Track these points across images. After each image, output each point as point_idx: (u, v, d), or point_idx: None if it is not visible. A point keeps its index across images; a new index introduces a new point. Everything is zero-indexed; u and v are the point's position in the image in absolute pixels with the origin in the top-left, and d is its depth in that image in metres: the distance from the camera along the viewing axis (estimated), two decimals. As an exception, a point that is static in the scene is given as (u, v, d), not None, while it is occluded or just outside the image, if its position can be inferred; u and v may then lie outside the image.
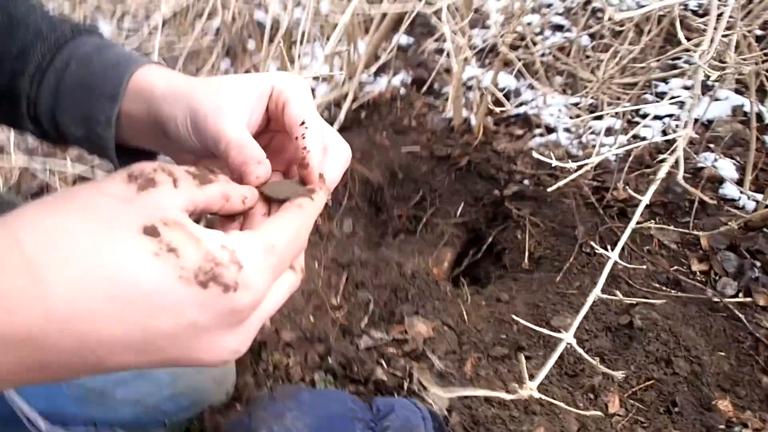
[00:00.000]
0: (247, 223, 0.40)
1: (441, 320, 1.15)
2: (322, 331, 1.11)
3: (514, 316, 1.05)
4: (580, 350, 0.79)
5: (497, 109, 1.34)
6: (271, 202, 0.40)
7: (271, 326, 1.12)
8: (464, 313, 1.20)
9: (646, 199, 0.76)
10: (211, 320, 0.30)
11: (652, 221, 1.44)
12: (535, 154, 0.83)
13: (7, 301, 0.25)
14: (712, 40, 0.70)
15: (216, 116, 0.41)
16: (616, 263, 0.77)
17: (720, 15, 0.69)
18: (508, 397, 0.63)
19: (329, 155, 0.43)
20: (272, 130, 0.47)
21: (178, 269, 0.28)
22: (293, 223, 0.36)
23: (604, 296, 0.83)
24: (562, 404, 0.76)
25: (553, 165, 1.53)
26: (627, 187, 1.54)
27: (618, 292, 1.29)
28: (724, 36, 0.77)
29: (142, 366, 0.30)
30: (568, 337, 0.78)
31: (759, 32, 1.84)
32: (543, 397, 0.70)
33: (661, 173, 0.75)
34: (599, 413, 1.03)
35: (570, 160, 1.55)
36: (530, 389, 0.72)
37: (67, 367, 0.28)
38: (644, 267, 1.23)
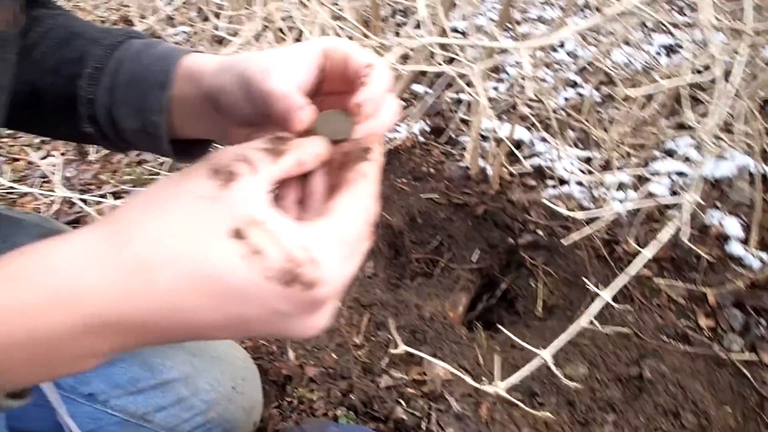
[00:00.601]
0: (308, 181, 0.41)
1: (458, 363, 1.20)
2: (345, 368, 1.16)
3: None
4: (555, 369, 0.83)
5: (513, 170, 1.41)
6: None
7: (296, 361, 1.17)
8: (480, 357, 1.24)
9: (647, 253, 0.82)
10: (295, 310, 0.33)
11: (660, 279, 1.49)
12: (553, 206, 0.89)
13: (123, 296, 0.31)
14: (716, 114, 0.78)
15: (264, 76, 0.42)
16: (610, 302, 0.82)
17: (725, 87, 0.76)
18: None
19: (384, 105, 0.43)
20: (322, 94, 0.47)
21: (264, 270, 0.32)
22: (362, 200, 0.37)
23: (588, 326, 0.88)
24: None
25: (566, 216, 1.60)
26: (636, 241, 1.60)
27: (620, 346, 1.33)
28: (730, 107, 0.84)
29: (238, 337, 0.38)
30: (544, 354, 0.83)
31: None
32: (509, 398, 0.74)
33: (665, 234, 0.81)
34: (610, 461, 1.06)
35: (582, 214, 1.62)
36: (500, 388, 0.78)
37: (178, 339, 0.35)
38: (624, 331, 1.28)
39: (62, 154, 1.75)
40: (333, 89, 0.47)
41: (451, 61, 1.98)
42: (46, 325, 0.31)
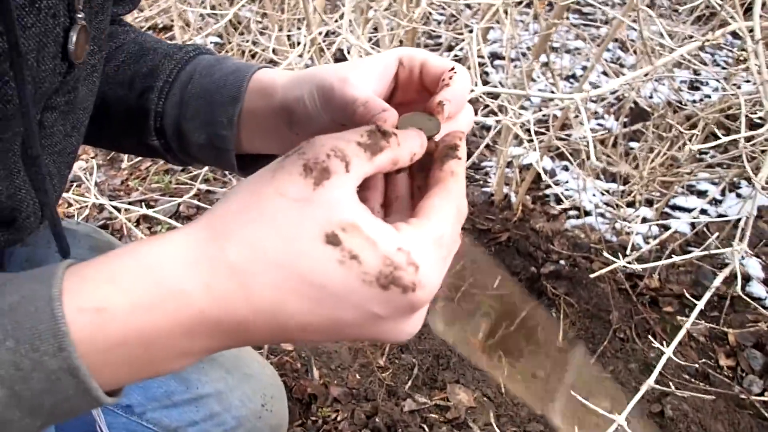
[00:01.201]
0: (391, 183, 0.41)
1: (481, 391, 1.20)
2: (369, 390, 1.16)
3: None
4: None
5: (536, 197, 1.42)
6: None
7: (320, 380, 1.17)
8: (502, 385, 1.25)
9: (700, 304, 0.82)
10: (391, 313, 0.33)
11: (682, 316, 1.49)
12: (574, 236, 0.90)
13: (221, 300, 0.32)
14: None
15: (343, 85, 0.42)
16: (671, 356, 0.82)
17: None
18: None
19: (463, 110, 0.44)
20: (396, 103, 0.47)
21: (362, 274, 0.31)
22: (454, 200, 0.36)
23: (657, 387, 0.88)
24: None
25: (588, 247, 1.60)
26: (659, 276, 1.61)
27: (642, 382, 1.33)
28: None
29: (329, 340, 0.36)
30: (620, 419, 0.82)
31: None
32: None
33: (715, 283, 0.82)
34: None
35: (606, 247, 1.62)
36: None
37: (265, 341, 0.35)
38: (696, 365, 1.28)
39: (92, 157, 1.77)
40: (405, 99, 0.47)
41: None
42: (151, 325, 0.32)
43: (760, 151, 1.19)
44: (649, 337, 1.40)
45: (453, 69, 0.43)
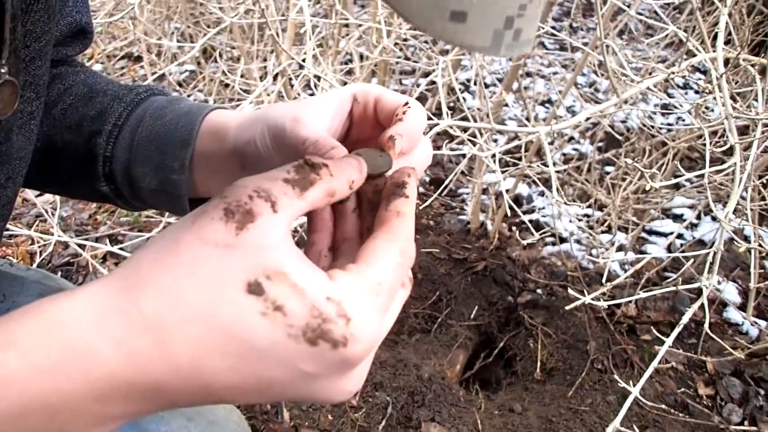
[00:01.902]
0: (340, 224, 0.39)
1: (456, 429, 1.17)
2: (341, 432, 1.13)
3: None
4: None
5: (513, 225, 1.41)
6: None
7: (290, 422, 1.13)
8: (479, 421, 1.22)
9: (668, 341, 0.81)
10: (323, 371, 0.30)
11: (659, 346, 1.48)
12: (555, 275, 0.88)
13: (134, 358, 0.28)
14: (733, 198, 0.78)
15: (294, 125, 0.41)
16: (638, 396, 0.80)
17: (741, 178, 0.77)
18: None
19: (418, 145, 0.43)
20: (352, 141, 0.46)
21: (287, 327, 0.28)
22: (398, 243, 0.33)
23: (623, 429, 0.86)
24: None
25: (566, 275, 1.59)
26: (635, 304, 1.60)
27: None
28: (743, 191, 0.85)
29: (261, 401, 0.33)
30: None
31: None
32: None
33: (685, 318, 0.80)
34: None
35: (582, 275, 1.61)
36: None
37: (192, 404, 0.31)
38: (662, 406, 1.26)
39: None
40: (362, 136, 0.46)
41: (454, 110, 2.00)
42: (56, 390, 0.28)
43: (731, 180, 1.19)
44: (627, 367, 1.38)
45: (407, 104, 0.42)
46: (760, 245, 1.10)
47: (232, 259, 0.30)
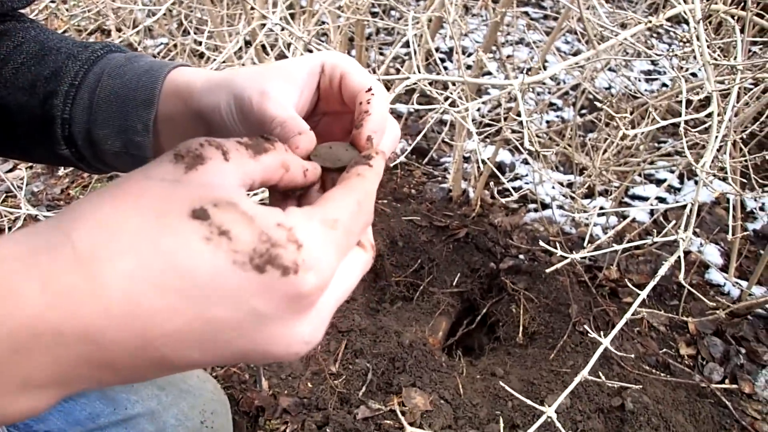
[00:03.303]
0: (305, 201, 0.37)
1: (438, 393, 1.16)
2: (320, 399, 1.11)
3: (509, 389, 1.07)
4: (559, 425, 0.80)
5: (495, 192, 1.39)
6: (326, 173, 0.37)
7: (269, 390, 1.12)
8: (460, 386, 1.21)
9: (643, 294, 0.80)
10: (274, 307, 0.27)
11: (642, 307, 1.48)
12: (539, 242, 0.87)
13: (62, 298, 0.24)
14: (711, 151, 0.76)
15: (261, 100, 0.39)
16: (608, 347, 0.79)
17: (718, 130, 0.75)
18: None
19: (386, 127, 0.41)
20: (320, 113, 0.45)
21: (231, 253, 0.26)
22: (355, 194, 0.32)
23: (591, 378, 0.85)
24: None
25: (548, 240, 1.58)
26: (617, 267, 1.59)
27: (602, 376, 1.31)
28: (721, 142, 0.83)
29: (211, 362, 0.28)
30: (549, 411, 0.79)
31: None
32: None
33: (661, 272, 0.79)
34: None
35: (564, 240, 1.60)
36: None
37: (132, 366, 0.26)
38: (632, 355, 1.26)
39: (29, 167, 1.68)
40: (329, 109, 0.44)
41: (436, 81, 1.97)
42: None
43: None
44: (609, 329, 1.38)
45: (370, 90, 0.40)
46: (739, 196, 1.09)
47: (178, 189, 0.28)
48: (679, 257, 0.76)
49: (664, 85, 2.65)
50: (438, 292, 1.53)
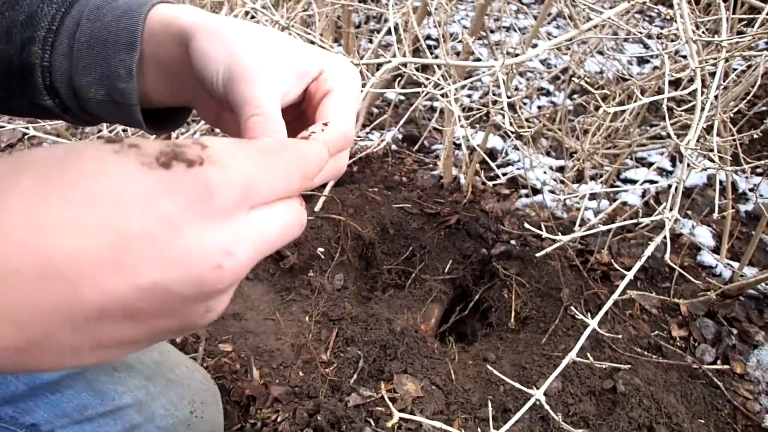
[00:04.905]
0: None
1: (429, 379, 1.16)
2: (311, 387, 1.11)
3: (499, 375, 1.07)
4: (548, 408, 0.80)
5: (486, 178, 1.39)
6: None
7: (260, 380, 1.12)
8: (452, 372, 1.21)
9: (630, 275, 0.79)
10: (184, 207, 0.26)
11: (633, 290, 1.48)
12: (527, 226, 0.86)
13: None
14: (696, 130, 0.76)
15: (255, 80, 0.39)
16: (597, 329, 0.79)
17: (703, 108, 0.74)
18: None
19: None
20: (303, 108, 0.44)
21: (140, 157, 0.26)
22: (294, 150, 0.32)
23: (581, 360, 0.85)
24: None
25: (539, 225, 1.57)
26: (609, 250, 1.59)
27: (593, 359, 1.32)
28: (707, 121, 0.82)
29: (125, 296, 0.25)
30: (538, 394, 0.79)
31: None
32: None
33: (648, 251, 0.78)
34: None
35: (555, 224, 1.60)
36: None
37: (39, 311, 0.24)
38: (620, 336, 1.26)
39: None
40: (310, 108, 0.43)
41: (424, 69, 1.95)
42: None
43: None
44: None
45: (327, 125, 0.39)
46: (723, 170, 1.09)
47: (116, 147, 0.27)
48: (665, 237, 0.76)
49: (656, 68, 2.64)
50: (430, 279, 1.53)
